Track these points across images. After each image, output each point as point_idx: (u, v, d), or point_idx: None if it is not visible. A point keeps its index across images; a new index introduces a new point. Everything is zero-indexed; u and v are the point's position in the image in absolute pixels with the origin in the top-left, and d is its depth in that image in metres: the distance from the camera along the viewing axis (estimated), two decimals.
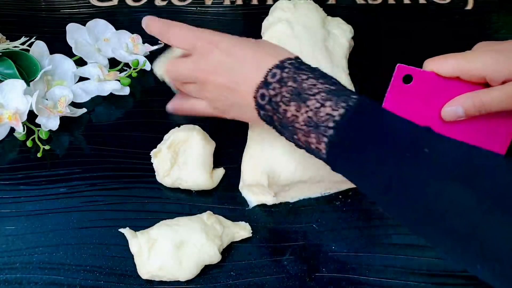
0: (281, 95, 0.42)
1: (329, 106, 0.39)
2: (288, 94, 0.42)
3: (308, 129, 0.40)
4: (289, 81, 0.42)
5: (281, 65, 0.44)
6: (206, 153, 0.55)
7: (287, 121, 0.42)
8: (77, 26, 0.67)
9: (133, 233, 0.49)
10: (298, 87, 0.41)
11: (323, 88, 0.41)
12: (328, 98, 0.40)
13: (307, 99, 0.41)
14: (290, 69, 0.43)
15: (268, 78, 0.43)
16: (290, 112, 0.42)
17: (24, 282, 0.49)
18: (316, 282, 0.48)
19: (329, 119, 0.39)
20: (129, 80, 0.64)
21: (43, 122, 0.60)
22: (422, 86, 0.44)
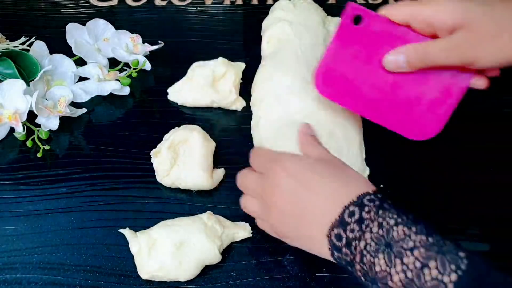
0: (365, 242, 0.36)
1: (435, 268, 0.33)
2: (374, 243, 0.36)
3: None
4: (372, 226, 0.36)
5: (359, 202, 0.38)
6: (206, 153, 0.55)
7: (376, 276, 0.35)
8: (77, 26, 0.67)
9: (133, 233, 0.49)
10: (385, 235, 0.35)
11: (419, 242, 0.34)
12: (430, 256, 0.34)
13: (402, 255, 0.34)
14: (370, 208, 0.37)
15: (344, 216, 0.37)
16: (379, 266, 0.35)
17: (24, 282, 0.49)
18: (316, 282, 0.48)
19: (439, 286, 0.33)
20: (129, 80, 0.64)
21: (43, 122, 0.60)
22: (372, 30, 0.42)
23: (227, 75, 0.61)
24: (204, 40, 0.72)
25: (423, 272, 0.33)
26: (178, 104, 0.63)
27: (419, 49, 0.41)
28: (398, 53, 0.42)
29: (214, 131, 0.60)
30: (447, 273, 0.33)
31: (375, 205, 0.37)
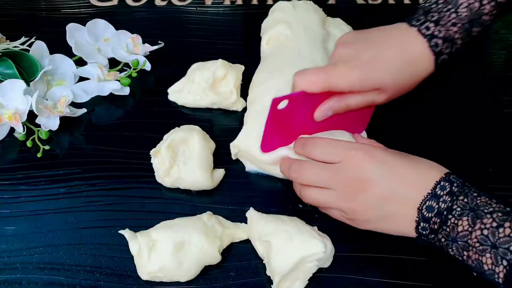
0: (452, 209, 0.42)
1: (509, 228, 0.39)
2: (459, 209, 0.41)
3: (483, 248, 0.39)
4: (460, 195, 0.42)
5: (448, 179, 0.44)
6: (206, 153, 0.55)
7: (457, 235, 0.41)
8: (77, 26, 0.67)
9: (133, 234, 0.49)
10: (470, 203, 0.41)
11: (498, 208, 0.40)
12: (506, 219, 0.39)
13: (483, 217, 0.40)
14: (458, 183, 0.43)
15: (437, 190, 0.43)
16: (461, 227, 0.41)
17: (24, 282, 0.49)
18: (316, 282, 0.48)
19: (510, 242, 0.38)
20: (129, 80, 0.64)
21: (43, 122, 0.60)
22: (296, 104, 0.48)
23: (227, 77, 0.61)
24: (204, 40, 0.72)
25: (497, 230, 0.39)
26: (178, 104, 0.63)
27: (342, 103, 0.49)
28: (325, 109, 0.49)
29: (214, 131, 0.60)
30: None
31: (461, 182, 0.43)
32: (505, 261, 0.38)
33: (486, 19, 0.49)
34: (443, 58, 0.49)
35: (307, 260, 0.46)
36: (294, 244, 0.46)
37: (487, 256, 0.39)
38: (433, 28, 0.48)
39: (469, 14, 0.48)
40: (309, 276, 0.47)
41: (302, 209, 0.53)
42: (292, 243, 0.46)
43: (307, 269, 0.46)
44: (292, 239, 0.46)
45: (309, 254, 0.45)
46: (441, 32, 0.48)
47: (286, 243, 0.46)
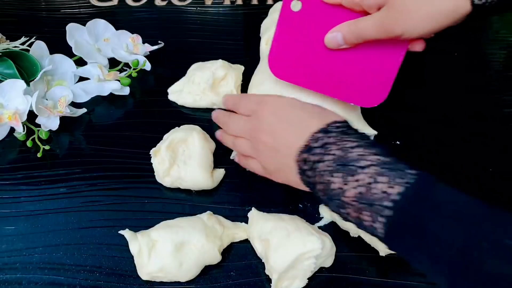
0: (325, 164, 0.40)
1: (384, 183, 0.36)
2: (333, 163, 0.39)
3: (360, 206, 0.37)
4: (333, 148, 0.40)
5: (325, 129, 0.42)
6: (206, 153, 0.55)
7: (332, 193, 0.39)
8: (77, 26, 0.67)
9: (133, 234, 0.49)
10: (343, 156, 0.39)
11: (374, 161, 0.38)
12: (381, 173, 0.37)
13: (356, 173, 0.38)
14: (335, 133, 0.41)
15: (311, 142, 0.41)
16: (335, 184, 0.39)
17: (24, 282, 0.49)
18: (316, 282, 0.48)
19: (385, 198, 0.36)
20: (129, 80, 0.64)
21: (43, 122, 0.60)
22: (310, 13, 0.46)
23: (227, 77, 0.61)
24: (204, 40, 0.72)
25: (371, 186, 0.36)
26: (178, 104, 0.63)
27: (352, 26, 0.45)
28: (335, 32, 0.46)
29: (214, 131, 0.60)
30: (393, 186, 0.36)
31: (339, 131, 0.41)
32: (383, 218, 0.36)
33: None
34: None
35: (304, 257, 0.46)
36: (291, 241, 0.46)
37: (365, 213, 0.37)
38: None
39: None
40: (308, 274, 0.47)
41: (302, 209, 0.53)
42: (290, 240, 0.46)
43: (305, 267, 0.46)
44: (290, 236, 0.47)
45: (306, 250, 0.45)
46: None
47: (284, 241, 0.46)
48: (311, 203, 0.54)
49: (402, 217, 0.35)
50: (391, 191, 0.36)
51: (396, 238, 0.36)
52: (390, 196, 0.35)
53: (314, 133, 0.42)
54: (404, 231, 0.35)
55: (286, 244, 0.46)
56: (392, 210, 0.35)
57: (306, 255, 0.46)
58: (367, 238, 0.49)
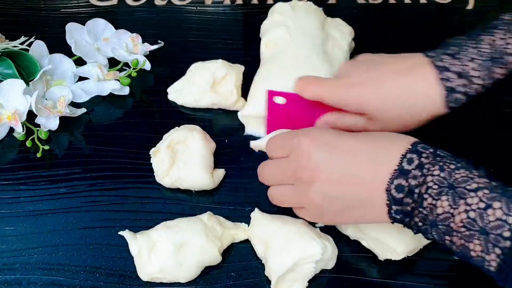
0: (426, 186, 0.36)
1: (499, 209, 0.33)
2: (436, 186, 0.35)
3: (470, 233, 0.34)
4: (434, 169, 0.36)
5: (415, 149, 0.37)
6: (206, 153, 0.55)
7: (437, 218, 0.35)
8: (77, 25, 0.67)
9: (133, 234, 0.49)
10: (447, 178, 0.35)
11: (483, 184, 0.35)
12: (494, 197, 0.33)
13: (466, 196, 0.34)
14: (428, 154, 0.37)
15: (403, 165, 0.37)
16: (441, 208, 0.35)
17: (24, 283, 0.49)
18: (316, 283, 0.48)
19: (503, 226, 0.32)
20: (128, 80, 0.64)
21: (42, 122, 0.60)
22: (295, 106, 0.50)
23: (227, 77, 0.61)
24: (204, 40, 0.71)
25: (486, 213, 0.33)
26: (178, 104, 0.63)
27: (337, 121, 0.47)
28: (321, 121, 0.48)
29: (214, 131, 0.60)
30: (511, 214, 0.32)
31: (431, 152, 0.37)
32: (498, 249, 0.32)
33: (510, 60, 0.44)
34: (457, 98, 0.43)
35: (304, 262, 0.46)
36: (292, 245, 0.46)
37: (475, 242, 0.34)
38: (448, 60, 0.43)
39: (490, 50, 0.43)
40: (309, 277, 0.47)
41: None
42: (291, 244, 0.46)
43: (305, 270, 0.46)
44: (291, 240, 0.46)
45: (306, 255, 0.45)
46: (455, 66, 0.42)
47: (285, 244, 0.46)
48: None
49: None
50: (510, 221, 0.32)
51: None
52: (510, 226, 0.32)
53: (403, 154, 0.37)
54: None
55: (287, 248, 0.46)
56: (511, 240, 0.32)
57: (306, 259, 0.46)
58: (366, 243, 0.49)
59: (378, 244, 0.47)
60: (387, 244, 0.46)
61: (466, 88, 0.43)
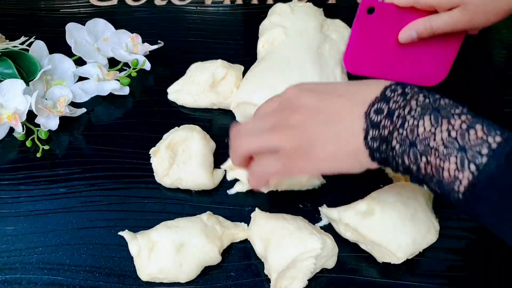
0: (410, 108, 0.36)
1: (481, 130, 0.33)
2: (419, 108, 0.35)
3: (448, 152, 0.33)
4: (418, 96, 0.36)
5: (398, 83, 0.38)
6: (207, 153, 0.55)
7: (417, 138, 0.35)
8: (77, 25, 0.67)
9: (133, 235, 0.49)
10: (432, 103, 0.35)
11: (465, 111, 0.35)
12: (476, 121, 0.34)
13: (450, 117, 0.34)
14: (411, 87, 0.37)
15: (386, 92, 0.37)
16: (423, 128, 0.35)
17: (24, 282, 0.49)
18: (316, 282, 0.48)
19: (482, 144, 0.32)
20: (128, 80, 0.64)
21: (42, 122, 0.60)
22: (383, 16, 0.53)
23: (227, 77, 0.61)
24: (204, 40, 0.72)
25: (468, 132, 0.33)
26: (178, 104, 0.63)
27: (427, 24, 0.50)
28: (409, 30, 0.51)
29: (214, 131, 0.60)
30: (492, 135, 0.33)
31: (417, 87, 0.37)
32: (473, 165, 0.32)
33: None
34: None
35: (304, 257, 0.46)
36: (292, 240, 0.46)
37: (451, 160, 0.33)
38: None
39: None
40: (308, 275, 0.47)
41: (303, 209, 0.53)
42: (290, 239, 0.46)
43: (305, 267, 0.46)
44: (290, 236, 0.46)
45: (306, 250, 0.45)
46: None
47: (284, 240, 0.46)
48: (311, 204, 0.54)
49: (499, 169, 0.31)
50: (490, 140, 0.32)
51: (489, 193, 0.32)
52: (489, 144, 0.32)
53: (387, 86, 0.37)
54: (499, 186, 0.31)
55: (286, 243, 0.46)
56: (489, 158, 0.32)
57: (306, 254, 0.45)
58: (365, 246, 0.49)
59: (377, 248, 0.47)
60: (386, 248, 0.46)
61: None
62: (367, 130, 0.37)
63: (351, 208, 0.49)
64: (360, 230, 0.47)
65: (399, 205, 0.47)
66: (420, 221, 0.47)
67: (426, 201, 0.49)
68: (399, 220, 0.46)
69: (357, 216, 0.47)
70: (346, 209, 0.49)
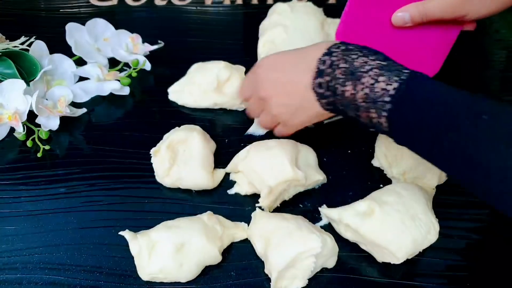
0: (336, 78, 0.44)
1: (383, 81, 0.41)
2: (342, 75, 0.44)
3: (367, 105, 0.42)
4: (340, 63, 0.45)
5: (328, 52, 0.46)
6: (207, 153, 0.55)
7: (347, 100, 0.44)
8: (77, 25, 0.67)
9: (133, 234, 0.49)
10: (349, 67, 0.44)
11: (374, 64, 0.43)
12: (381, 74, 0.42)
13: (361, 77, 0.43)
14: (338, 52, 0.45)
15: (320, 66, 0.46)
16: (348, 92, 0.44)
17: (24, 282, 0.49)
18: (317, 282, 0.48)
19: (385, 94, 0.41)
20: (129, 80, 0.64)
21: (43, 122, 0.60)
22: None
23: (232, 78, 0.61)
24: (204, 40, 0.72)
25: (374, 86, 0.42)
26: (178, 104, 0.63)
27: (420, 7, 0.50)
28: (403, 12, 0.51)
29: (215, 132, 0.60)
30: (391, 83, 0.41)
31: (341, 49, 0.46)
32: (385, 112, 0.41)
33: None
34: None
35: (304, 256, 0.46)
36: (292, 239, 0.46)
37: (371, 111, 0.42)
38: None
39: None
40: (308, 274, 0.47)
41: (303, 209, 0.53)
42: (291, 238, 0.46)
43: (305, 266, 0.46)
44: (291, 235, 0.47)
45: (306, 249, 0.45)
46: None
47: (285, 239, 0.46)
48: (311, 203, 0.54)
49: (400, 110, 0.40)
50: (389, 88, 0.41)
51: (399, 129, 0.41)
52: (389, 92, 0.41)
53: (319, 58, 0.46)
54: (404, 122, 0.40)
55: (287, 242, 0.46)
56: (391, 104, 0.40)
57: (306, 253, 0.46)
58: (365, 247, 0.49)
59: (377, 248, 0.48)
60: (386, 248, 0.46)
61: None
62: (320, 100, 0.47)
63: (351, 208, 0.49)
64: (360, 230, 0.47)
65: (399, 206, 0.48)
66: (420, 222, 0.47)
67: (426, 201, 0.49)
68: (399, 220, 0.47)
69: (357, 217, 0.48)
70: (346, 210, 0.49)
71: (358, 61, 0.44)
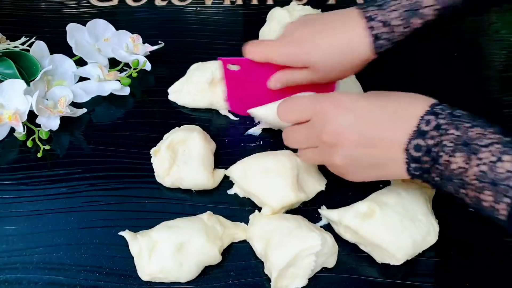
0: (442, 145, 0.38)
1: (508, 161, 0.35)
2: (451, 144, 0.38)
3: (482, 185, 0.36)
4: (450, 129, 0.38)
5: (433, 111, 0.40)
6: (207, 153, 0.55)
7: (452, 173, 0.38)
8: (77, 26, 0.67)
9: (133, 235, 0.49)
10: (463, 136, 0.38)
11: (495, 139, 0.37)
12: (505, 151, 0.36)
13: (478, 151, 0.37)
14: (445, 115, 0.39)
15: (421, 126, 0.39)
16: (455, 164, 0.38)
17: (24, 282, 0.49)
18: (317, 282, 0.48)
19: (511, 178, 0.35)
20: (129, 80, 0.64)
21: (43, 122, 0.60)
22: (247, 69, 0.54)
23: None
24: (204, 40, 0.72)
25: (496, 165, 0.36)
26: (178, 104, 0.63)
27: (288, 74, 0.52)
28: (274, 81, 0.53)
29: (214, 131, 0.60)
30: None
31: (448, 112, 0.39)
32: (507, 198, 0.35)
33: (426, 13, 0.47)
34: (382, 44, 0.48)
35: (304, 254, 0.46)
36: (292, 238, 0.46)
37: (486, 193, 0.36)
38: (374, 11, 0.48)
39: (408, 2, 0.48)
40: (309, 273, 0.47)
41: (303, 209, 0.53)
42: (291, 237, 0.46)
43: (305, 265, 0.46)
44: (290, 234, 0.47)
45: (306, 247, 0.45)
46: (380, 16, 0.47)
47: (285, 238, 0.46)
48: (310, 204, 0.54)
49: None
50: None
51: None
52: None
53: (421, 116, 0.40)
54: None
55: (287, 241, 0.46)
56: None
57: (306, 251, 0.46)
58: (365, 248, 0.49)
59: (377, 249, 0.48)
60: (386, 249, 0.46)
61: (390, 35, 0.48)
62: (409, 163, 0.40)
63: (351, 209, 0.49)
64: (360, 231, 0.47)
65: (399, 207, 0.48)
66: (420, 223, 0.47)
67: (425, 202, 0.49)
68: (399, 221, 0.47)
69: (357, 218, 0.48)
70: (346, 211, 0.49)
71: (473, 130, 0.38)
